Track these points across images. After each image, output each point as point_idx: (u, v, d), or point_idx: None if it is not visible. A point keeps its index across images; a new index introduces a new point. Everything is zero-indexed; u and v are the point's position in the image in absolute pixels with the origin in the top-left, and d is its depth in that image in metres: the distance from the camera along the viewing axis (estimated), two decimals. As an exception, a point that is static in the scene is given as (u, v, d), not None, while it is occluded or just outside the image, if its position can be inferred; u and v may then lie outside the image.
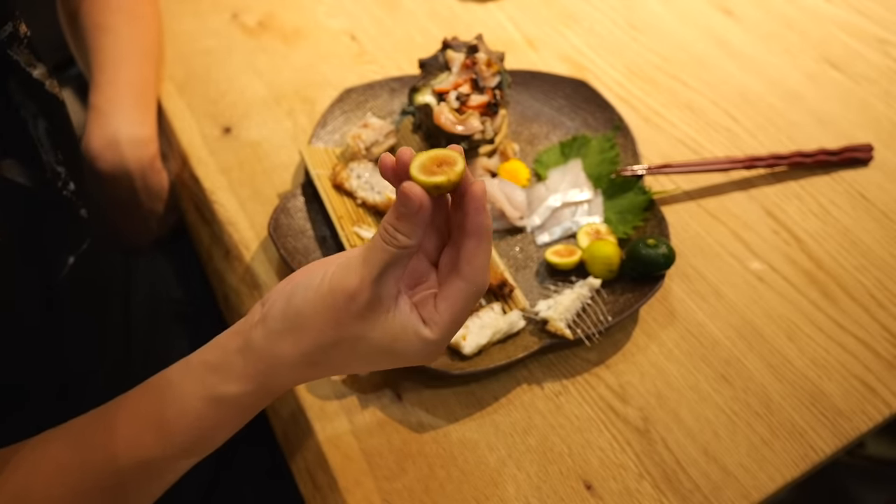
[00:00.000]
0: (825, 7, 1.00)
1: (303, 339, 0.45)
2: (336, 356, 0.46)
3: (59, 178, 0.61)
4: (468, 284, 0.44)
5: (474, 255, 0.44)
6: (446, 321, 0.45)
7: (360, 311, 0.43)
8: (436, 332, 0.45)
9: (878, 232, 0.76)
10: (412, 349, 0.45)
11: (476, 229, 0.43)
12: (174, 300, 0.84)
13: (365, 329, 0.44)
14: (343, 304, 0.43)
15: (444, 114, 0.72)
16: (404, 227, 0.42)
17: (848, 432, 0.62)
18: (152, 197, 0.83)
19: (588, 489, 0.59)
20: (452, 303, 0.45)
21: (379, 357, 0.46)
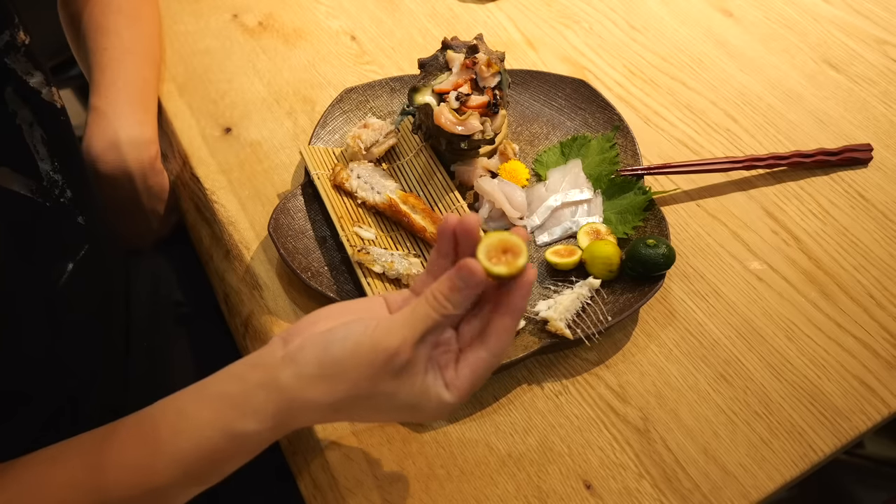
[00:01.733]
0: (824, 7, 1.00)
1: (337, 389, 0.46)
2: (362, 407, 0.47)
3: (56, 185, 0.61)
4: (492, 357, 0.47)
5: (505, 331, 0.47)
6: (466, 386, 0.47)
7: (396, 370, 0.45)
8: (455, 395, 0.47)
9: (878, 232, 0.76)
10: (431, 408, 0.47)
11: (515, 311, 0.46)
12: (174, 301, 0.84)
13: (397, 387, 0.46)
14: (382, 362, 0.45)
15: (444, 114, 0.72)
16: (456, 298, 0.44)
17: (847, 432, 0.62)
18: (153, 198, 0.83)
19: (588, 489, 0.59)
20: (473, 370, 0.47)
21: (400, 412, 0.49)
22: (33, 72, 0.60)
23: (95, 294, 0.69)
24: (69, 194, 0.62)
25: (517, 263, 0.45)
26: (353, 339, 0.46)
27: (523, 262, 0.45)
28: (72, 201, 0.63)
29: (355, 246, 0.70)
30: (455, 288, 0.44)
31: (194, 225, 0.83)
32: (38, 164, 0.59)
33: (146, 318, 0.80)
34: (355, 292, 0.70)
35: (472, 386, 0.47)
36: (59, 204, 0.61)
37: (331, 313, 0.50)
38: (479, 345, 0.47)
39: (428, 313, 0.45)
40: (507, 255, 0.45)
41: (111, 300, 0.75)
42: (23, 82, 0.59)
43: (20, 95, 0.58)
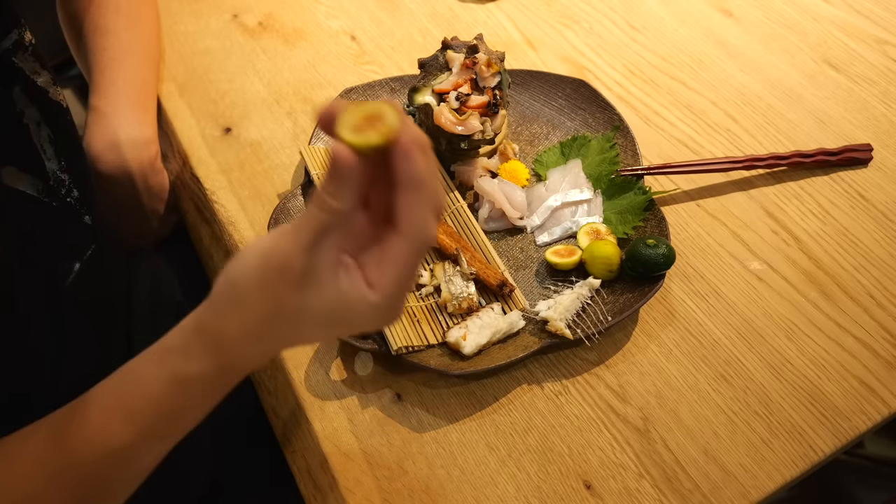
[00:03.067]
0: (824, 7, 1.00)
1: (244, 315, 0.44)
2: (283, 329, 0.44)
3: (62, 185, 0.61)
4: (408, 241, 0.42)
5: (409, 207, 0.41)
6: (391, 282, 0.42)
7: (294, 280, 0.42)
8: (382, 294, 0.42)
9: (878, 232, 0.76)
10: (361, 315, 0.43)
11: (407, 180, 0.41)
12: (175, 301, 0.84)
13: (305, 300, 0.42)
14: (275, 275, 0.42)
15: (444, 114, 0.72)
16: (335, 189, 0.40)
17: (847, 432, 0.62)
18: (153, 197, 0.83)
19: (588, 489, 0.59)
20: (395, 262, 0.42)
21: (329, 326, 0.45)
22: (40, 71, 0.60)
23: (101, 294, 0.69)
24: (76, 194, 0.62)
25: (387, 126, 0.39)
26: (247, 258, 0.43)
27: (393, 122, 0.39)
28: (78, 201, 0.63)
29: (355, 246, 0.70)
30: (331, 178, 0.40)
31: (194, 225, 0.83)
32: (45, 163, 0.59)
33: (147, 318, 0.80)
34: (355, 292, 0.70)
35: (397, 279, 0.42)
36: (66, 203, 0.61)
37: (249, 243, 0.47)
38: (391, 233, 0.42)
39: (313, 213, 0.41)
40: (376, 123, 0.40)
41: (114, 300, 0.75)
42: (30, 82, 0.59)
43: (28, 95, 0.59)
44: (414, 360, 0.64)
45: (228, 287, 0.44)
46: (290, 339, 0.46)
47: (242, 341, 0.45)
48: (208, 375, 0.46)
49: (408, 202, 0.41)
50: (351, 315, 0.43)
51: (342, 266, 0.42)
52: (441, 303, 0.68)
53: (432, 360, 0.64)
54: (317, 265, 0.42)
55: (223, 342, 0.45)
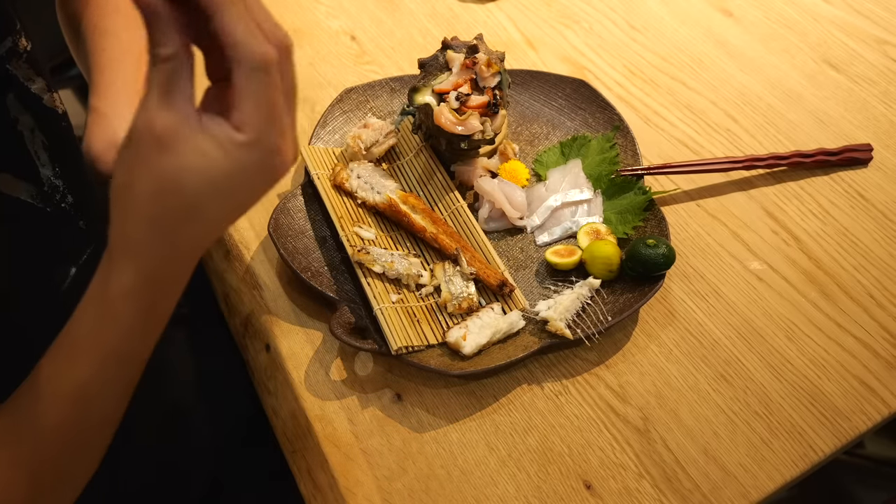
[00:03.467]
0: (824, 7, 1.00)
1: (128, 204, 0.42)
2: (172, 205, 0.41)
3: (57, 191, 0.61)
4: (239, 65, 0.39)
5: (224, 30, 0.38)
6: (252, 115, 0.39)
7: (156, 141, 0.39)
8: (251, 132, 0.39)
9: (877, 232, 0.76)
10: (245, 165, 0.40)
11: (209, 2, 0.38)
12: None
13: (176, 161, 0.39)
14: (136, 141, 0.40)
15: (444, 114, 0.72)
16: (157, 37, 0.38)
17: (847, 432, 0.62)
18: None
19: (588, 489, 0.59)
20: (243, 91, 0.39)
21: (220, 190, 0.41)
22: (35, 78, 0.60)
23: None
24: (70, 199, 0.62)
25: None
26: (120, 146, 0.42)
27: None
28: (73, 206, 0.63)
29: (355, 246, 0.70)
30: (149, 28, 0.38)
31: (194, 225, 0.83)
32: (40, 169, 0.60)
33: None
34: (355, 292, 0.70)
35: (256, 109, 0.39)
36: (61, 209, 0.61)
37: None
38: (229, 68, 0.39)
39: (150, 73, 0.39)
40: None
41: None
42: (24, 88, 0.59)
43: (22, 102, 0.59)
44: (414, 360, 0.64)
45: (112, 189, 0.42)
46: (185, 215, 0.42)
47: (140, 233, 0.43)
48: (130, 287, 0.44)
49: (221, 25, 0.38)
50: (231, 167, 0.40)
51: (204, 115, 0.40)
52: (441, 303, 0.68)
53: (432, 360, 0.64)
54: (175, 120, 0.39)
55: (125, 243, 0.43)
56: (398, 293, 0.69)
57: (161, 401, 0.76)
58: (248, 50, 0.39)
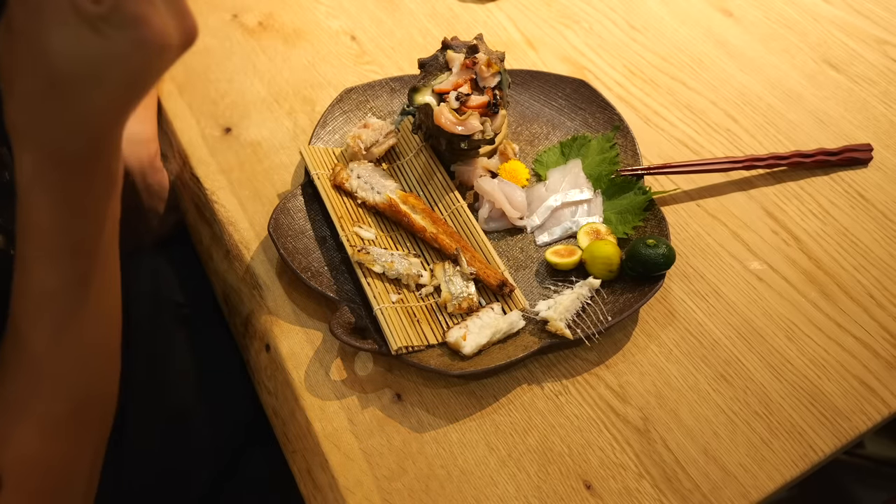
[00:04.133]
0: (824, 7, 1.00)
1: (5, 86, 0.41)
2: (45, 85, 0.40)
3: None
4: None
5: None
6: None
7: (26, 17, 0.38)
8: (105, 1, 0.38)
9: (878, 232, 0.76)
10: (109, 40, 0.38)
11: None
12: (175, 301, 0.84)
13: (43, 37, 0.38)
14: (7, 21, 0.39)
15: (444, 114, 0.72)
16: None
17: (847, 432, 0.62)
18: (152, 196, 0.83)
19: (588, 489, 0.59)
20: None
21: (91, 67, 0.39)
22: None
23: None
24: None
25: None
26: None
27: None
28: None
29: (355, 246, 0.70)
30: None
31: (194, 225, 0.83)
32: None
33: (146, 318, 0.80)
34: (355, 292, 0.70)
35: None
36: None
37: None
38: None
39: None
40: None
41: None
42: None
43: None
44: (414, 360, 0.64)
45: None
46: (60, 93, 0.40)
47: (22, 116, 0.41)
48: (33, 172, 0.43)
49: None
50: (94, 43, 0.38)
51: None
52: (441, 303, 0.68)
53: (432, 360, 0.64)
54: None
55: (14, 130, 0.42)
56: (398, 293, 0.69)
57: (160, 401, 0.76)
58: None
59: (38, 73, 0.40)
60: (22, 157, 0.43)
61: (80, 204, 0.46)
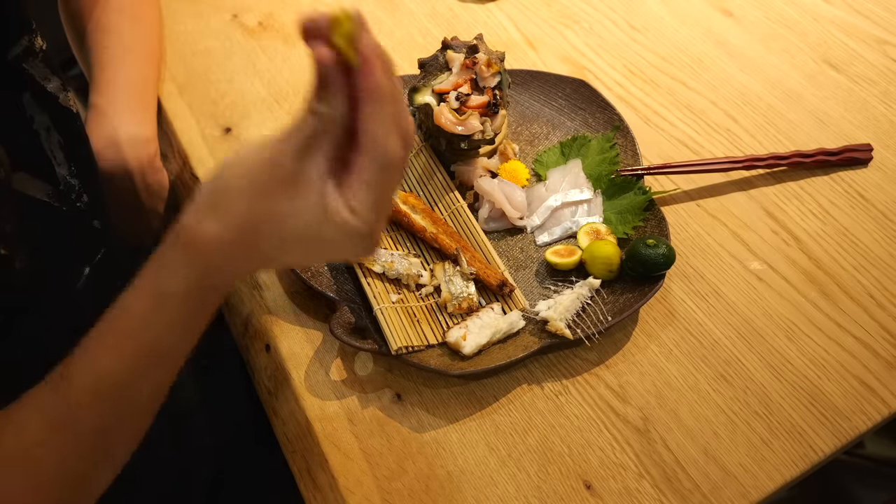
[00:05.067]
0: (824, 7, 1.00)
1: (230, 215, 0.43)
2: (264, 236, 0.43)
3: (73, 190, 0.61)
4: (370, 159, 0.41)
5: (369, 121, 0.41)
6: (365, 203, 0.42)
7: (284, 182, 0.41)
8: (359, 217, 0.42)
9: (878, 232, 0.76)
10: (340, 236, 0.43)
11: (367, 91, 0.40)
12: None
13: (292, 205, 0.42)
14: (266, 175, 0.42)
15: (444, 114, 0.72)
16: (324, 95, 0.40)
17: (847, 432, 0.62)
18: (152, 196, 0.83)
19: (588, 489, 0.59)
20: (363, 181, 0.42)
21: (310, 244, 0.44)
22: (50, 77, 0.60)
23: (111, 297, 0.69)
24: (86, 199, 0.63)
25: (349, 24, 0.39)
26: (239, 160, 0.43)
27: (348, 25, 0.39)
28: (88, 206, 0.63)
29: (355, 246, 0.70)
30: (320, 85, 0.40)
31: (194, 225, 0.83)
32: (56, 168, 0.60)
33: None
34: (355, 292, 0.70)
35: (370, 200, 0.42)
36: (76, 208, 0.62)
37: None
38: (356, 152, 0.42)
39: (304, 120, 0.41)
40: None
41: None
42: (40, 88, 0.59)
43: (38, 101, 0.59)
44: (414, 360, 0.64)
45: (213, 189, 0.43)
46: (271, 249, 0.44)
47: (223, 246, 0.43)
48: (187, 286, 0.45)
49: (369, 113, 0.40)
50: (330, 234, 0.42)
51: (331, 178, 0.42)
52: (441, 303, 0.68)
53: (432, 360, 0.64)
54: (307, 171, 0.41)
55: (203, 247, 0.44)
56: (398, 293, 0.69)
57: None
58: (384, 150, 0.41)
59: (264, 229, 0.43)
60: (189, 270, 0.44)
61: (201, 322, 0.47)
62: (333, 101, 0.40)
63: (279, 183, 0.41)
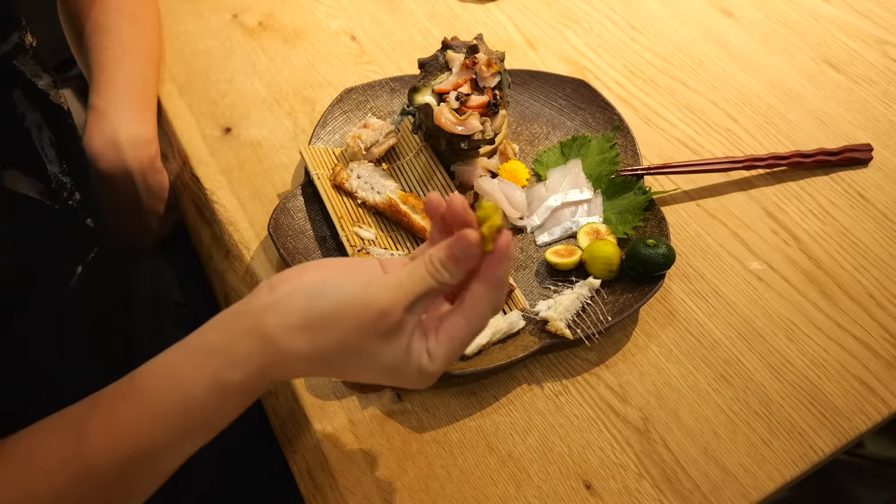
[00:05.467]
0: (824, 7, 1.00)
1: (321, 340, 0.45)
2: (346, 363, 0.47)
3: (64, 188, 0.61)
4: (468, 325, 0.46)
5: (481, 299, 0.46)
6: (443, 355, 0.47)
7: (386, 330, 0.45)
8: (434, 364, 0.47)
9: (877, 232, 0.76)
10: (411, 374, 0.47)
11: (489, 277, 0.45)
12: (175, 301, 0.84)
13: (383, 348, 0.45)
14: (373, 320, 0.44)
15: (444, 114, 0.72)
16: (453, 267, 0.44)
17: (847, 432, 0.62)
18: (153, 197, 0.83)
19: (588, 489, 0.59)
20: (451, 338, 0.46)
21: (382, 374, 0.48)
22: (41, 74, 0.60)
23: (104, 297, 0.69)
24: (77, 197, 0.62)
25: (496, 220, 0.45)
26: (345, 293, 0.45)
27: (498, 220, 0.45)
28: (80, 204, 0.63)
29: (355, 246, 0.70)
30: (453, 257, 0.44)
31: (194, 225, 0.83)
32: (47, 166, 0.59)
33: (147, 319, 0.80)
34: (355, 292, 0.70)
35: (449, 353, 0.47)
36: (68, 206, 0.61)
37: (322, 264, 0.49)
38: (456, 312, 0.47)
39: (424, 277, 0.44)
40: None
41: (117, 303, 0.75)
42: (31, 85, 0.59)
43: (29, 98, 0.59)
44: (414, 360, 0.64)
45: (316, 312, 0.45)
46: (344, 371, 0.49)
47: (302, 360, 0.46)
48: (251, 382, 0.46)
49: (483, 294, 0.46)
50: (405, 372, 0.47)
51: (420, 327, 0.47)
52: (441, 303, 0.68)
53: (432, 360, 0.64)
54: (406, 322, 0.45)
55: (282, 357, 0.46)
56: (398, 293, 0.69)
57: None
58: (479, 322, 0.47)
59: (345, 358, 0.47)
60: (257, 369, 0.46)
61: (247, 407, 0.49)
62: (456, 272, 0.45)
63: (384, 330, 0.45)
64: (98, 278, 0.65)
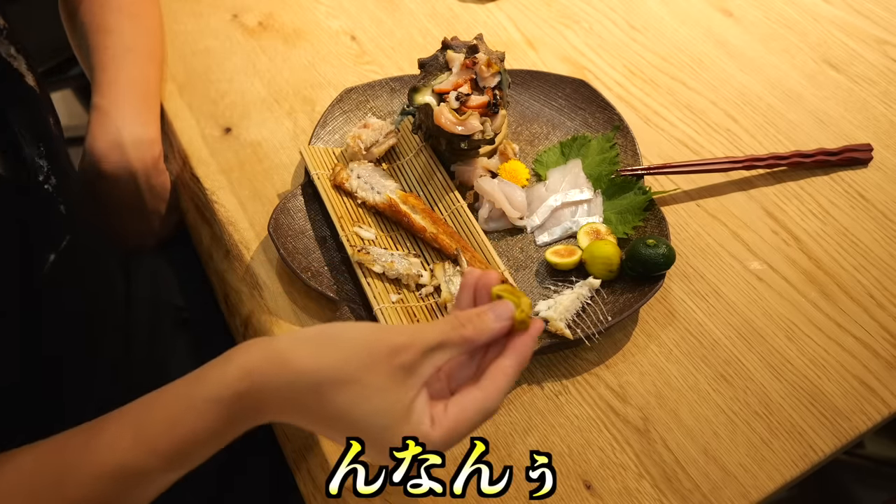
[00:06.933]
0: (824, 7, 1.00)
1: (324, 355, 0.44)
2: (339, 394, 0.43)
3: (40, 171, 0.60)
4: (484, 398, 0.45)
5: (502, 373, 0.45)
6: (450, 426, 0.44)
7: (397, 366, 0.43)
8: (437, 432, 0.44)
9: (878, 232, 0.76)
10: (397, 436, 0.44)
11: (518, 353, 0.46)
12: (175, 302, 0.84)
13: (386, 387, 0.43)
14: (385, 351, 0.43)
15: (444, 114, 0.72)
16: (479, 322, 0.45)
17: (847, 432, 0.62)
18: (156, 197, 0.83)
19: (588, 489, 0.59)
20: (462, 410, 0.45)
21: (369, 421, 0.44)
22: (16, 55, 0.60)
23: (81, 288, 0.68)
24: (54, 181, 0.61)
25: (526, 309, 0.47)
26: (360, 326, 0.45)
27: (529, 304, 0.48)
28: (56, 188, 0.62)
29: (355, 246, 0.70)
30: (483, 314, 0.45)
31: (194, 225, 0.83)
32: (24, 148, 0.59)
33: (146, 321, 0.80)
34: (355, 292, 0.70)
35: (456, 426, 0.44)
36: (44, 191, 0.60)
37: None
38: (473, 386, 0.45)
39: (444, 328, 0.44)
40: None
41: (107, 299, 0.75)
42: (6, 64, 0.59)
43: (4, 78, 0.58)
44: (414, 360, 0.64)
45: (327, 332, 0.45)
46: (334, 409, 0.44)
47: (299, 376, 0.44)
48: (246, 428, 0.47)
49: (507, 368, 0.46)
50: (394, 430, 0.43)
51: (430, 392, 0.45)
52: (441, 303, 0.68)
53: (432, 360, 0.64)
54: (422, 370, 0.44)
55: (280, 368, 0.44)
56: (398, 293, 0.69)
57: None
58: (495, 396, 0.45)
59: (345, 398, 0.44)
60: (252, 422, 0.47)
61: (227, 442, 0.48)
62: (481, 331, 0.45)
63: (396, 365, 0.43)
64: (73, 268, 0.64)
